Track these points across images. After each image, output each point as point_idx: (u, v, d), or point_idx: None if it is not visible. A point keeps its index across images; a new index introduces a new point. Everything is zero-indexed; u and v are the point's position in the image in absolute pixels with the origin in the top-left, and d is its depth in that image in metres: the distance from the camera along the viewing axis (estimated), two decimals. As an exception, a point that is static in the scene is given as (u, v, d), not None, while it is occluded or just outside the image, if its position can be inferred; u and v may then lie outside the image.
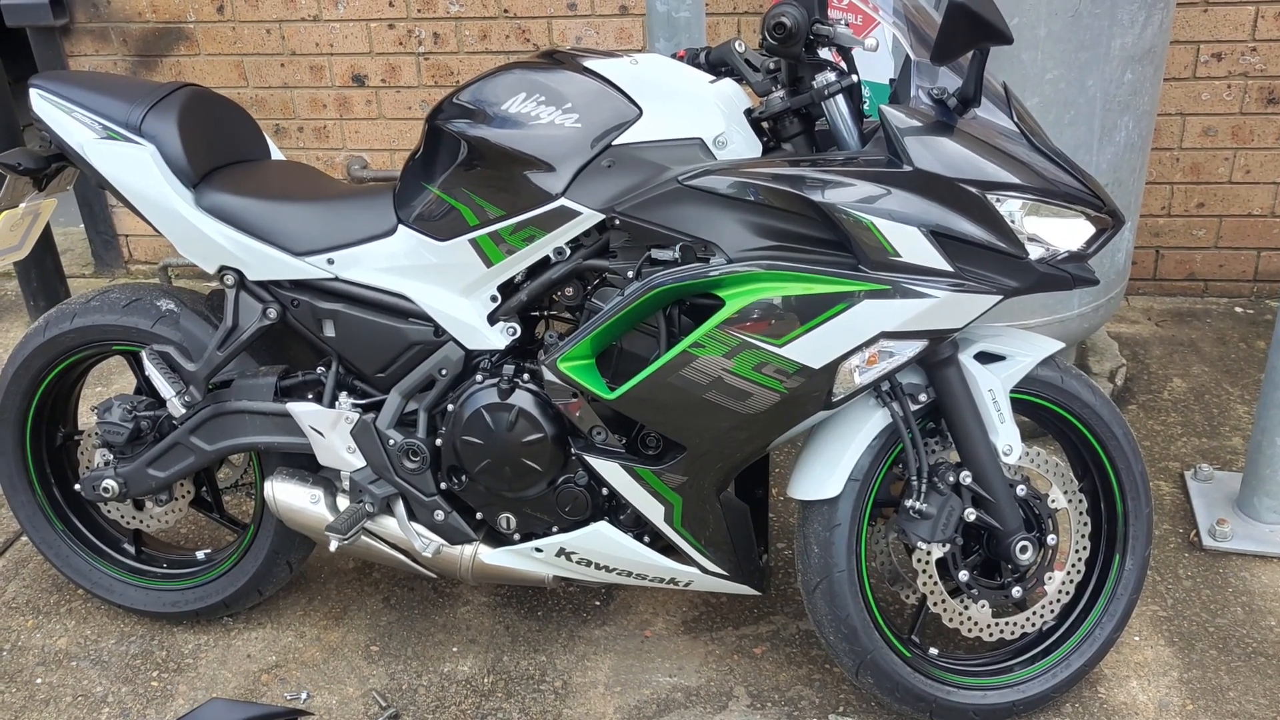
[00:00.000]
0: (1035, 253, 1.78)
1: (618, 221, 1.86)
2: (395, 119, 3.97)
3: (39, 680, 2.33)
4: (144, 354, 2.18)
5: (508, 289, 2.01)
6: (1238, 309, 3.69)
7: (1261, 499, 2.57)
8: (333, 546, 2.12)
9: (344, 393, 2.13)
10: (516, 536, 2.14)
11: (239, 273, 2.12)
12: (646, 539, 2.08)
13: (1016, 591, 2.05)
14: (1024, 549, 2.00)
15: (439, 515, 2.12)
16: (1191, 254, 3.73)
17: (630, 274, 1.86)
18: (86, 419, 2.63)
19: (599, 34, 3.71)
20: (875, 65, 2.42)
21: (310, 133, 4.04)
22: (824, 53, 1.82)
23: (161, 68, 4.03)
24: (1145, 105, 2.68)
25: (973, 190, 1.72)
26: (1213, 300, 3.75)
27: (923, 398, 1.96)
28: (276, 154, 2.38)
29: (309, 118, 4.02)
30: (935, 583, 2.03)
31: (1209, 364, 3.35)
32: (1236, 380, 3.25)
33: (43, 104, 2.15)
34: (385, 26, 3.83)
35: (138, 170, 2.10)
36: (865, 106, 1.90)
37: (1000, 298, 1.78)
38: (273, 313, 2.12)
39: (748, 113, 1.91)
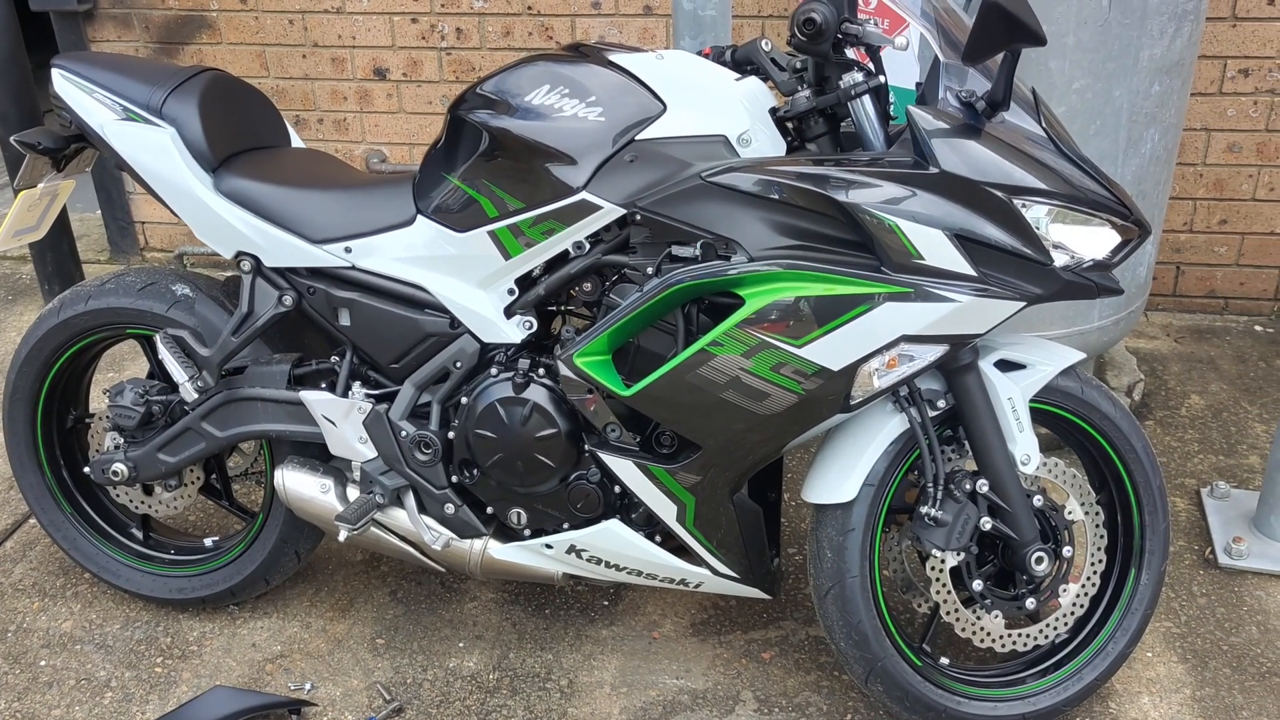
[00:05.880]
0: (1060, 260, 1.76)
1: (638, 217, 1.84)
2: (416, 113, 3.97)
3: (43, 663, 2.32)
4: (158, 338, 2.17)
5: (525, 282, 2.00)
6: (1257, 327, 3.66)
7: (1278, 518, 2.54)
8: (341, 536, 2.11)
9: (357, 382, 2.12)
10: (527, 532, 2.12)
11: (256, 259, 2.11)
12: (658, 538, 2.06)
13: (1030, 603, 2.03)
14: (1039, 560, 1.97)
15: (449, 508, 2.11)
16: (1212, 271, 3.70)
17: (650, 270, 1.85)
18: (98, 402, 2.63)
19: (622, 33, 3.70)
20: (900, 70, 2.41)
21: (330, 125, 4.04)
22: (850, 54, 1.80)
23: (183, 56, 4.03)
24: (1172, 118, 2.65)
25: (999, 194, 1.70)
26: (1232, 318, 3.72)
27: (941, 404, 1.94)
28: (297, 141, 2.37)
29: (329, 110, 4.02)
30: (949, 592, 2.01)
31: (1227, 382, 3.32)
32: (1255, 399, 3.22)
33: (64, 84, 2.15)
34: (408, 20, 3.83)
35: (157, 153, 2.09)
36: (891, 109, 1.89)
37: (1024, 304, 1.76)
38: (288, 300, 2.11)
39: (772, 112, 1.89)
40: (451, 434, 2.07)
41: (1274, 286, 3.68)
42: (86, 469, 2.36)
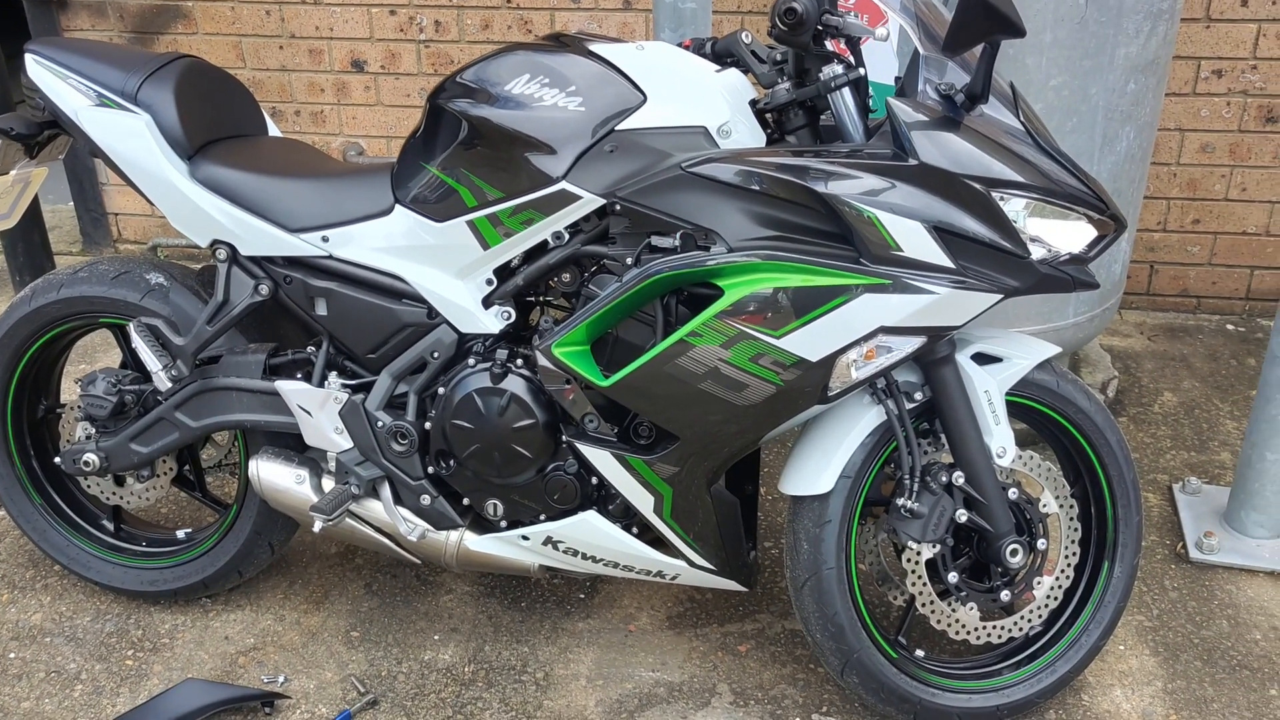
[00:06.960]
0: (1037, 253, 1.77)
1: (618, 207, 1.84)
2: (394, 106, 3.95)
3: (12, 655, 2.29)
4: (131, 326, 2.15)
5: (504, 273, 1.99)
6: (1229, 326, 3.69)
7: (1249, 513, 2.57)
8: (316, 528, 2.10)
9: (333, 372, 2.11)
10: (503, 524, 2.11)
11: (231, 247, 2.09)
12: (635, 530, 2.06)
13: (1005, 595, 2.04)
14: (1014, 552, 1.98)
15: (425, 499, 2.09)
16: (1185, 270, 3.73)
17: (629, 260, 1.84)
18: (69, 394, 2.60)
19: (601, 27, 3.70)
20: (879, 65, 2.41)
21: (307, 117, 4.01)
22: (830, 46, 1.80)
23: (158, 46, 3.99)
24: (1147, 117, 2.68)
25: (977, 187, 1.70)
26: (1205, 317, 3.76)
27: (918, 396, 1.94)
28: (274, 130, 2.35)
29: (306, 102, 3.99)
30: (924, 583, 2.02)
31: (1200, 379, 3.35)
32: (1226, 396, 3.25)
33: (38, 69, 2.13)
34: (386, 12, 3.81)
35: (132, 139, 2.07)
36: (870, 102, 1.89)
37: (1001, 297, 1.76)
38: (264, 289, 2.09)
39: (752, 104, 1.89)
40: (428, 425, 2.06)
41: (1245, 286, 3.72)
42: (57, 460, 2.33)
